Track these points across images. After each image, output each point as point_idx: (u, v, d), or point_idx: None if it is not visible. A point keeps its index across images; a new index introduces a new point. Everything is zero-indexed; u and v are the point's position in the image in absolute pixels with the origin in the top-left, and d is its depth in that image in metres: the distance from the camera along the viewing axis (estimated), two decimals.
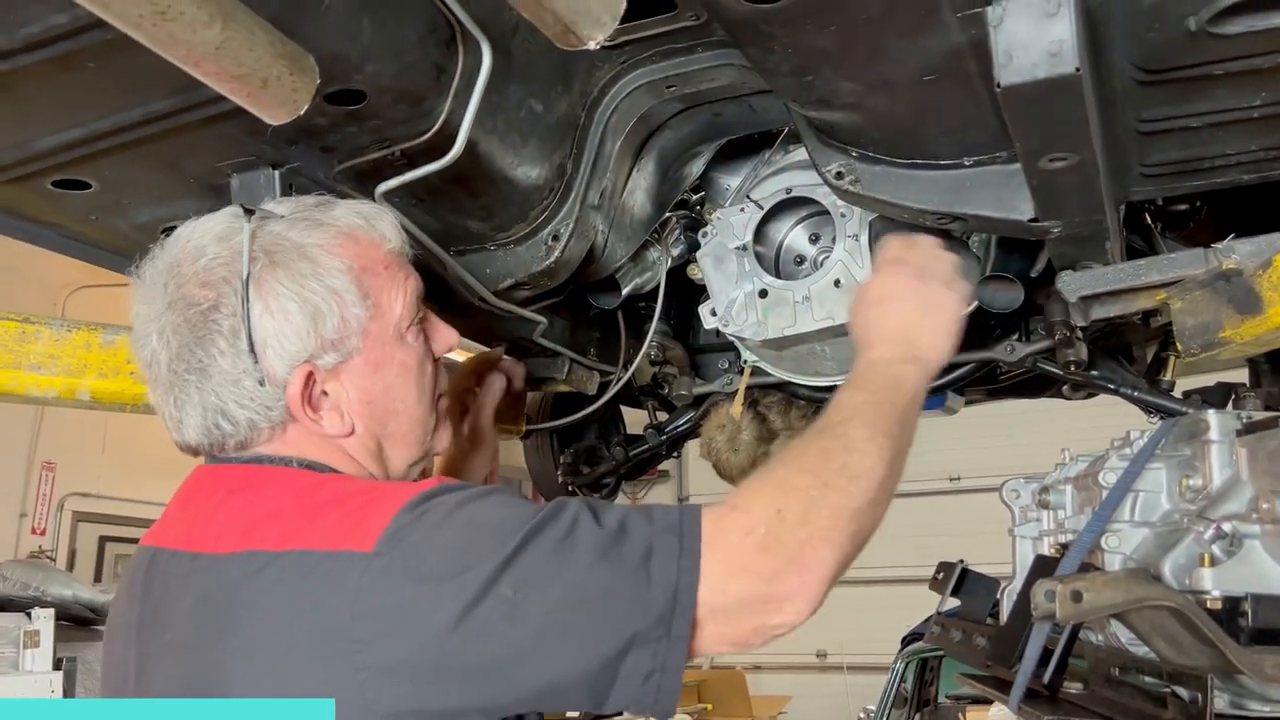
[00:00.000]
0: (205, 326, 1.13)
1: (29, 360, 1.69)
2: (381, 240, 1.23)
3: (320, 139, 1.33)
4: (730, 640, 1.05)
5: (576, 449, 2.59)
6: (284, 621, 1.02)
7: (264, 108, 1.05)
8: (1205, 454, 1.19)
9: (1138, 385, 1.99)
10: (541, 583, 0.99)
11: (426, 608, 0.99)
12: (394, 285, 1.22)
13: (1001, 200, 1.35)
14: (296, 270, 1.14)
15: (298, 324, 1.13)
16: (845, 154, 1.40)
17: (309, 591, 1.01)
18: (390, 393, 1.21)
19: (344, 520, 1.05)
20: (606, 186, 1.68)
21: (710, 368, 2.35)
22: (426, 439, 1.27)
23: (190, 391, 1.15)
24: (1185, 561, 1.14)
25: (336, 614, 0.99)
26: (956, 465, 9.49)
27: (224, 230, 1.16)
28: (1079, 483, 1.39)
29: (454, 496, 1.06)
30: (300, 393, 1.14)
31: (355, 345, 1.17)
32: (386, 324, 1.20)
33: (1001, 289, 1.74)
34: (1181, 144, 1.28)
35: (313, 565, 1.02)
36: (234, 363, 1.12)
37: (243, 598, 1.04)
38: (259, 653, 1.02)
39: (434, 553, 1.01)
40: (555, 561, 1.00)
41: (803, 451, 1.14)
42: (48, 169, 1.34)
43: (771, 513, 1.04)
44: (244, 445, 1.17)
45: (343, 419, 1.17)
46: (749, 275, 1.85)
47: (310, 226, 1.18)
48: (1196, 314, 1.40)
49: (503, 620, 0.98)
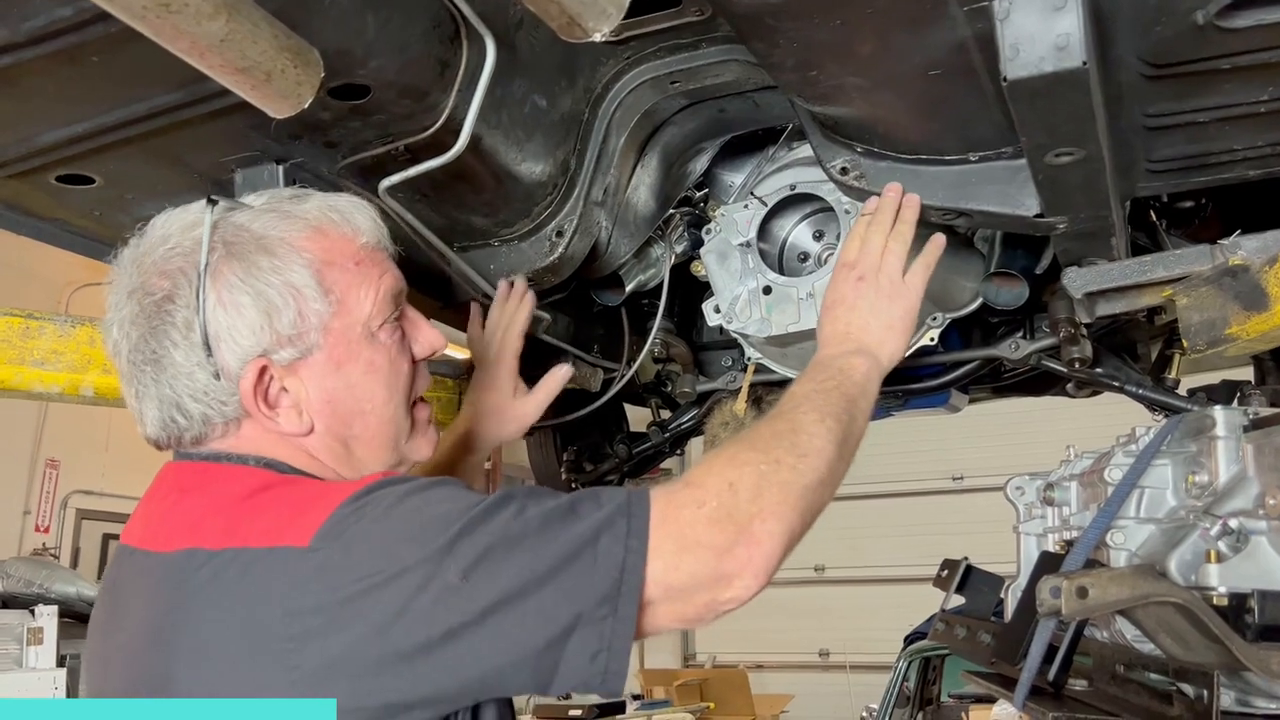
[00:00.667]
0: (160, 317, 1.11)
1: (32, 356, 1.69)
2: (354, 235, 1.19)
3: (324, 134, 1.32)
4: (684, 617, 1.04)
5: (580, 446, 2.59)
6: (219, 622, 1.00)
7: (268, 101, 1.05)
8: (1211, 450, 1.19)
9: (1142, 383, 1.98)
10: (486, 567, 0.98)
11: (365, 602, 0.96)
12: (364, 281, 1.17)
13: (1007, 196, 1.35)
14: (253, 263, 1.11)
15: (250, 318, 1.10)
16: (850, 149, 1.40)
17: (244, 590, 0.99)
18: (355, 392, 1.17)
19: (283, 516, 1.03)
20: (610, 183, 1.68)
21: (714, 365, 2.34)
22: (399, 442, 1.23)
23: (147, 383, 1.13)
24: (1191, 558, 1.13)
25: (270, 612, 0.97)
26: (959, 465, 9.47)
27: (192, 220, 1.14)
28: (1084, 479, 1.38)
29: (397, 489, 1.04)
30: (253, 388, 1.11)
31: (315, 341, 1.13)
32: (353, 321, 1.16)
33: (1006, 286, 1.74)
34: (1188, 139, 1.27)
35: (248, 563, 1.00)
36: (187, 355, 1.10)
37: (182, 598, 1.02)
38: (198, 654, 1.00)
39: (375, 546, 0.99)
40: (500, 545, 0.99)
41: (755, 433, 1.16)
42: (51, 164, 1.34)
43: (723, 486, 1.05)
44: (199, 440, 1.14)
45: (301, 417, 1.14)
46: (753, 272, 1.85)
47: (277, 219, 1.15)
48: (1202, 310, 1.40)
49: (444, 607, 0.96)
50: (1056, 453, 1.71)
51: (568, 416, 2.41)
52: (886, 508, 9.58)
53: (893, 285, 1.39)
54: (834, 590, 9.56)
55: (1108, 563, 1.24)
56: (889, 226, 1.41)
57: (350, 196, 1.22)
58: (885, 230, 1.41)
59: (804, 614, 9.35)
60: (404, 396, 1.21)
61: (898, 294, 1.39)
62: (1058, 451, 1.68)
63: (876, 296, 1.38)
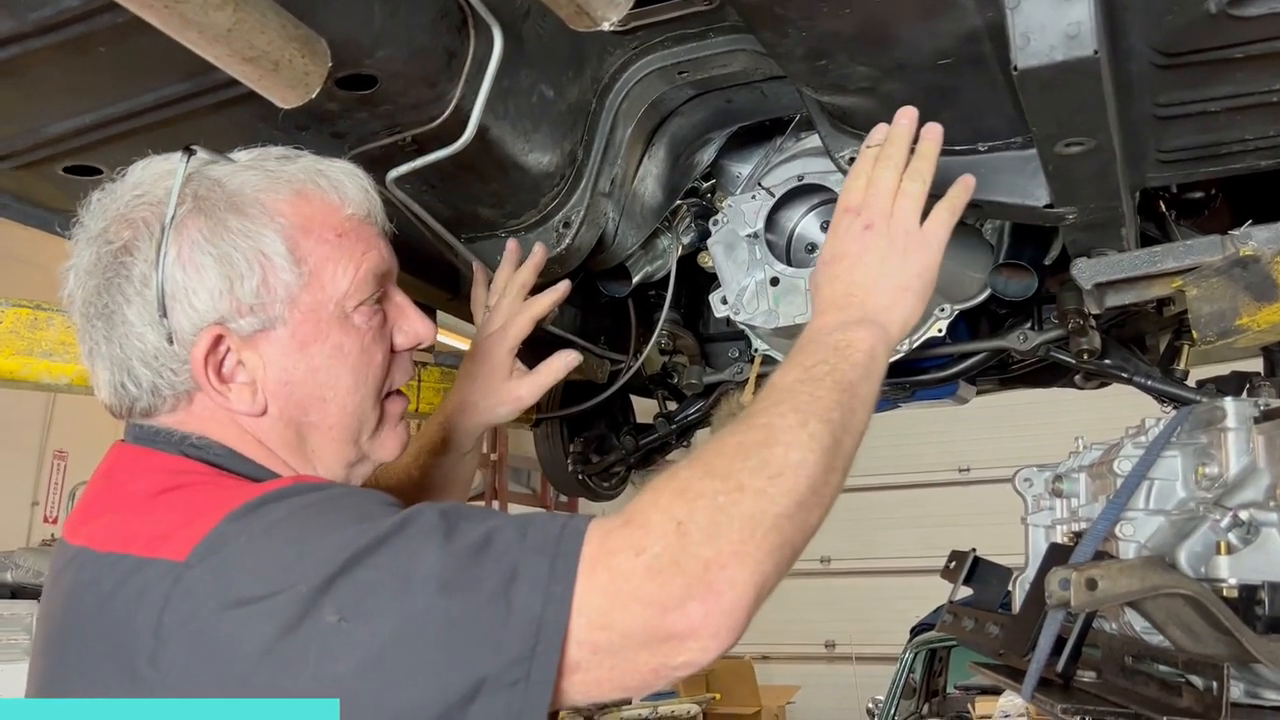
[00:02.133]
0: (116, 268, 1.01)
1: (41, 347, 1.69)
2: (340, 204, 1.07)
3: (331, 124, 1.32)
4: (623, 684, 0.87)
5: (587, 438, 2.59)
6: (94, 637, 0.90)
7: (276, 91, 1.05)
8: (1222, 442, 1.18)
9: (1151, 374, 1.98)
10: (370, 609, 0.83)
11: (232, 633, 0.84)
12: (343, 255, 1.05)
13: (1016, 186, 1.34)
14: (221, 221, 1.01)
15: (210, 281, 1.00)
16: (859, 139, 1.39)
17: (117, 604, 0.88)
18: (316, 375, 1.04)
19: (173, 522, 0.91)
20: (617, 173, 1.67)
21: (720, 356, 2.34)
22: (360, 437, 1.10)
23: (99, 340, 1.03)
24: (1201, 550, 1.13)
25: (139, 634, 0.86)
26: (966, 456, 9.47)
27: (168, 169, 1.04)
28: (1093, 471, 1.38)
29: (294, 501, 0.91)
30: (204, 357, 1.00)
31: (279, 314, 1.02)
32: (324, 298, 1.04)
33: (1015, 277, 1.73)
34: (1199, 129, 1.27)
35: (126, 573, 0.89)
36: (140, 313, 1.00)
37: (68, 602, 0.94)
38: (75, 671, 0.92)
39: (250, 568, 0.86)
40: (390, 584, 0.84)
41: (716, 449, 0.94)
42: (59, 154, 1.34)
43: (669, 526, 0.86)
44: (149, 413, 1.04)
45: (255, 396, 1.03)
46: (760, 263, 1.85)
47: (257, 176, 1.05)
48: (1213, 301, 1.39)
49: (320, 651, 0.82)
50: (1063, 444, 1.70)
51: (575, 408, 2.41)
52: (893, 499, 9.58)
53: (908, 236, 1.14)
54: (840, 582, 9.58)
55: (1116, 554, 1.23)
56: (903, 162, 1.17)
57: (343, 163, 1.11)
58: (898, 167, 1.16)
59: (810, 605, 9.35)
60: (373, 388, 1.09)
61: (914, 246, 1.14)
62: (1064, 443, 1.67)
63: (888, 249, 1.13)
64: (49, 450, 7.86)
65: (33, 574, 5.32)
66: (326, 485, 0.98)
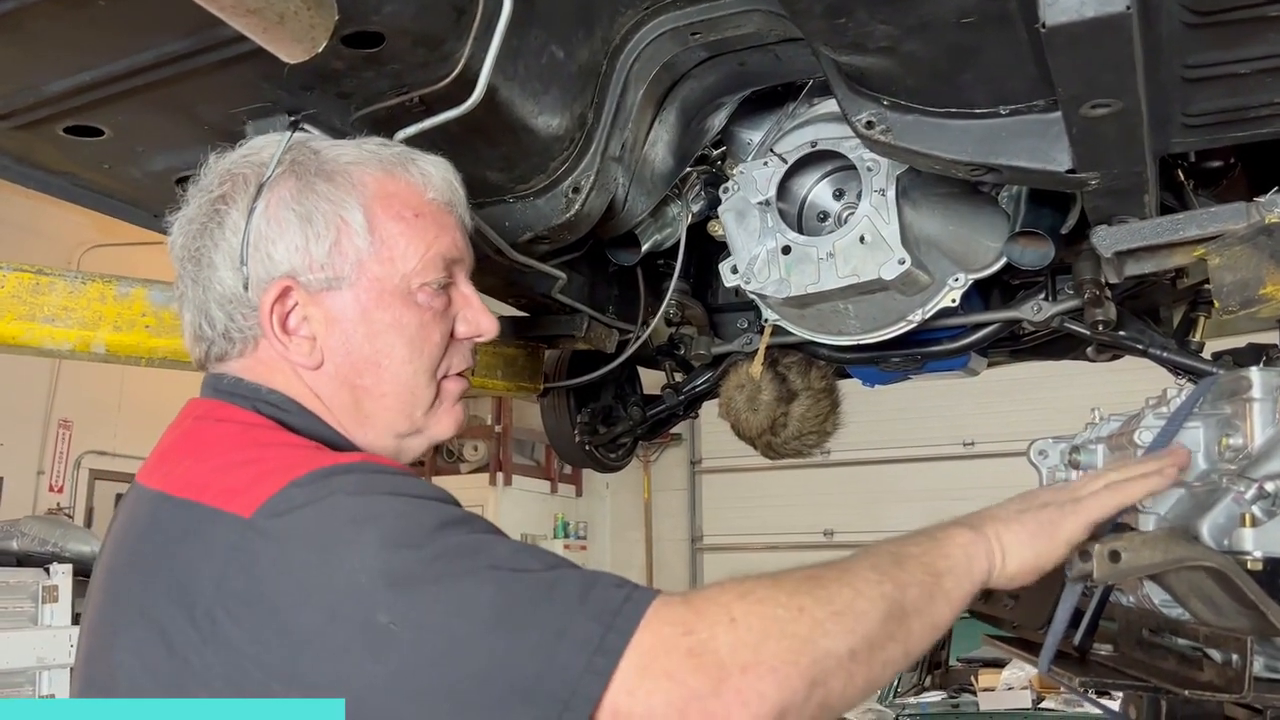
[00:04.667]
0: (211, 214, 1.09)
1: (43, 312, 1.67)
2: (423, 187, 1.14)
3: (337, 84, 1.29)
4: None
5: (594, 408, 2.57)
6: (160, 578, 0.93)
7: (281, 45, 1.02)
8: (1247, 412, 1.15)
9: (1167, 346, 1.95)
10: (421, 622, 0.84)
11: (286, 605, 0.86)
12: (416, 234, 1.11)
13: (1037, 151, 1.31)
14: (309, 184, 1.08)
15: (290, 236, 1.07)
16: (877, 103, 1.36)
17: (186, 549, 0.92)
18: (374, 341, 1.09)
19: (244, 476, 0.95)
20: (628, 138, 1.64)
21: (728, 327, 2.32)
22: (415, 412, 1.13)
23: (187, 284, 1.11)
24: (1224, 522, 1.11)
25: (202, 584, 0.89)
26: (970, 430, 9.44)
27: (278, 138, 1.13)
28: (1112, 442, 1.36)
29: (359, 479, 0.93)
30: (271, 304, 1.07)
31: (347, 275, 1.08)
32: (391, 270, 1.09)
33: (1031, 245, 1.71)
34: (1227, 92, 1.23)
35: (197, 520, 0.93)
36: (225, 258, 1.08)
37: (138, 542, 0.98)
38: (135, 610, 0.94)
39: (310, 541, 0.89)
40: (447, 603, 0.85)
41: (790, 571, 0.95)
42: (59, 114, 1.31)
43: (723, 618, 0.86)
44: (222, 358, 1.11)
45: (313, 350, 1.08)
46: (772, 231, 1.82)
47: (351, 150, 1.13)
48: (1236, 270, 1.36)
49: (364, 648, 0.84)
50: (1068, 418, 1.67)
51: (583, 378, 2.39)
52: (897, 473, 9.57)
53: (1074, 505, 1.11)
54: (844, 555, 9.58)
55: (1135, 526, 1.21)
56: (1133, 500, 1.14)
57: (436, 157, 1.17)
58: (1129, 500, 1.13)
59: None
60: (428, 364, 1.13)
61: (1067, 513, 1.10)
62: (1069, 417, 1.65)
63: (1043, 511, 1.10)
64: (54, 419, 7.88)
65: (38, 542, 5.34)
66: (395, 471, 0.98)
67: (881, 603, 0.93)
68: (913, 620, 0.95)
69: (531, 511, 10.31)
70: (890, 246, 1.69)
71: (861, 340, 1.93)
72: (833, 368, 2.28)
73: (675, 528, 10.87)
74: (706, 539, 10.72)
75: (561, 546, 10.27)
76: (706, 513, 10.73)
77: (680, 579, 10.60)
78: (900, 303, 1.82)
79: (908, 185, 1.72)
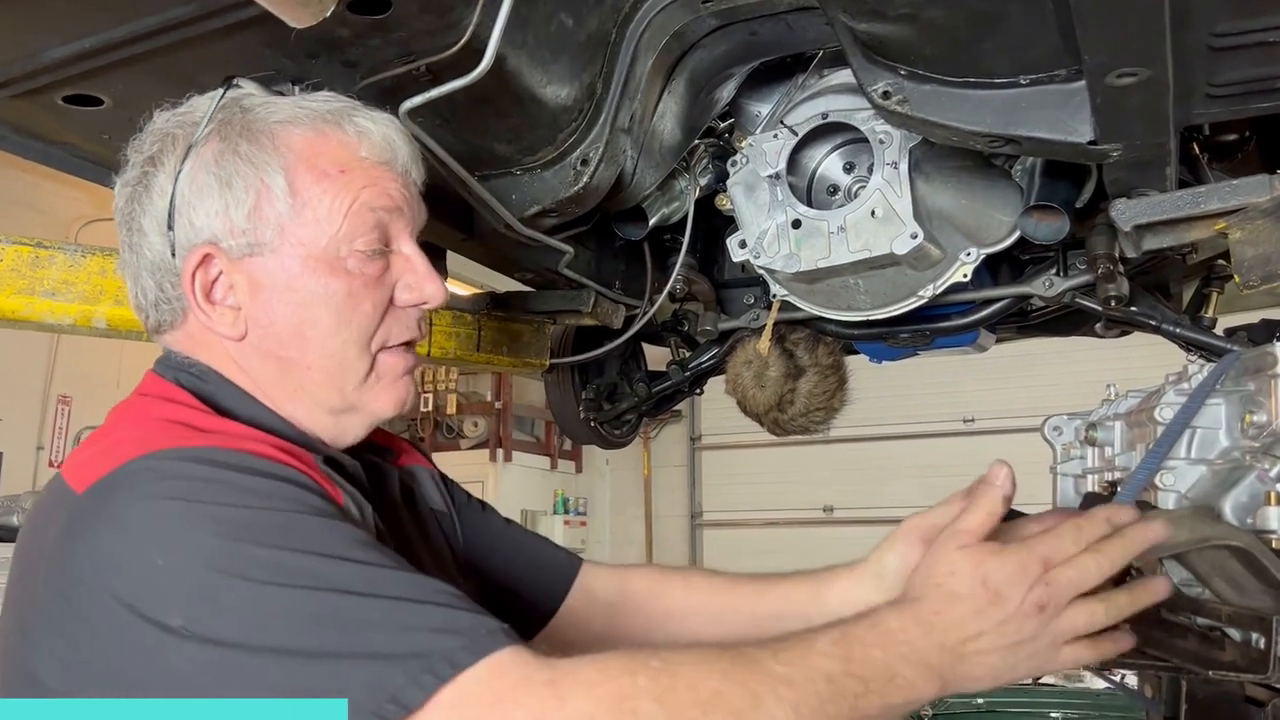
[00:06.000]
0: (141, 179, 1.06)
1: (43, 286, 1.65)
2: (356, 143, 1.06)
3: (342, 52, 1.26)
4: None
5: (599, 385, 2.55)
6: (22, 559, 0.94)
7: (288, 9, 0.99)
8: (1271, 389, 1.14)
9: (1180, 322, 1.93)
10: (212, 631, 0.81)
11: (90, 588, 0.84)
12: (340, 190, 1.04)
13: (1058, 122, 1.28)
14: (232, 146, 1.03)
15: (210, 201, 1.02)
16: (894, 72, 1.33)
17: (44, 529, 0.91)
18: (298, 311, 1.03)
19: (99, 451, 0.92)
20: (637, 109, 1.61)
21: (735, 303, 2.30)
22: (346, 386, 1.07)
23: (125, 249, 1.08)
24: (1248, 500, 1.09)
25: (42, 560, 0.89)
26: (970, 407, 9.44)
27: (215, 95, 1.08)
28: (1131, 419, 1.34)
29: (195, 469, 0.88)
30: (193, 272, 1.02)
31: (268, 242, 1.02)
32: (317, 234, 1.03)
33: (1046, 219, 1.68)
34: (1253, 61, 1.20)
35: (58, 498, 0.92)
36: (153, 223, 1.04)
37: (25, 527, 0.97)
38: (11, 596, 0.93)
39: (121, 529, 0.86)
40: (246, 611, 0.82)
41: (693, 673, 0.85)
42: (58, 82, 1.28)
43: (585, 718, 0.80)
44: (160, 329, 1.09)
45: (236, 320, 1.04)
46: (781, 205, 1.79)
47: (285, 107, 1.07)
48: (1257, 244, 1.34)
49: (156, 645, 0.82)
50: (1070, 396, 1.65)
51: (589, 354, 2.38)
52: (896, 449, 9.57)
53: (1050, 646, 0.99)
54: (843, 531, 9.59)
55: (1155, 504, 1.20)
56: (1117, 567, 1.01)
57: (384, 114, 1.11)
58: (1111, 568, 1.00)
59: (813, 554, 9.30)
60: (357, 335, 1.06)
61: (1041, 655, 0.99)
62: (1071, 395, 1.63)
63: (1025, 645, 0.98)
64: (53, 395, 7.86)
65: None
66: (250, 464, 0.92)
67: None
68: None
69: (531, 487, 10.32)
70: (902, 221, 1.66)
71: (871, 316, 1.91)
72: (840, 344, 2.26)
73: (675, 504, 10.88)
74: (706, 515, 10.73)
75: (561, 523, 10.29)
76: (706, 489, 10.74)
77: (680, 555, 10.62)
78: (911, 278, 1.80)
79: (920, 158, 1.69)
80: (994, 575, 0.97)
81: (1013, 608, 0.96)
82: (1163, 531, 1.01)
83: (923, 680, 0.93)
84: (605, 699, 0.81)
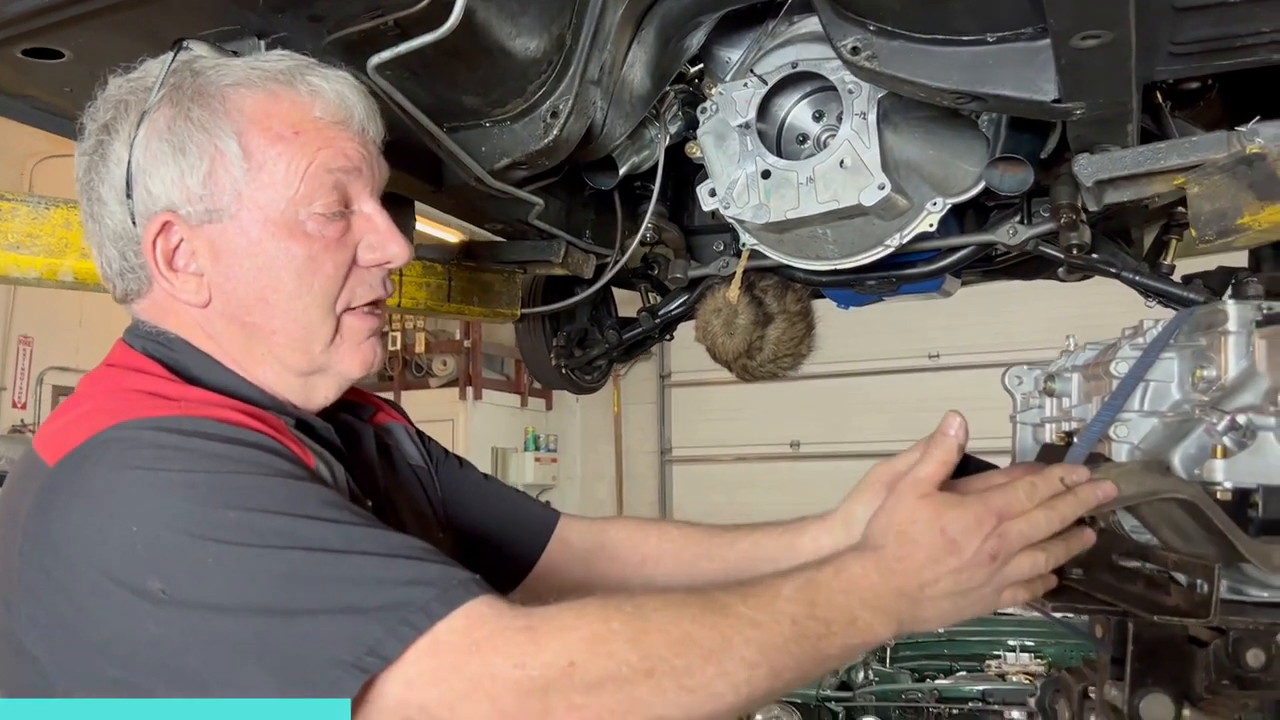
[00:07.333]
0: (97, 147, 1.06)
1: (7, 239, 1.63)
2: (310, 103, 1.05)
3: (308, 6, 1.25)
4: None
5: (569, 332, 2.57)
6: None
7: None
8: (1221, 345, 1.17)
9: (1139, 269, 1.97)
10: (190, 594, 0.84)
11: (66, 557, 0.87)
12: (295, 152, 1.03)
13: (1024, 80, 1.29)
14: (184, 111, 1.02)
15: (165, 168, 1.02)
16: (863, 28, 1.33)
17: (17, 501, 0.92)
18: (260, 275, 1.03)
19: (69, 422, 0.94)
20: (606, 60, 1.60)
21: (705, 250, 2.30)
22: (313, 348, 1.07)
23: (87, 218, 1.08)
24: (1195, 452, 1.14)
25: (16, 531, 0.91)
26: (935, 343, 9.55)
27: (167, 59, 1.07)
28: (1088, 371, 1.38)
29: (165, 438, 0.90)
30: (153, 240, 1.03)
31: (226, 207, 1.02)
32: (275, 197, 1.03)
33: (1010, 170, 1.70)
34: (1216, 21, 1.22)
35: (30, 469, 0.94)
36: (112, 191, 1.04)
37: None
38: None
39: (93, 498, 0.88)
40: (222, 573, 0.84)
41: (665, 617, 0.88)
42: (17, 36, 1.26)
43: (563, 660, 0.83)
44: (128, 298, 1.09)
45: (199, 287, 1.04)
46: (751, 155, 1.80)
47: (237, 72, 1.05)
48: (1214, 199, 1.37)
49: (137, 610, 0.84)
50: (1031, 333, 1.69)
51: (560, 304, 2.38)
52: (862, 385, 9.68)
53: (995, 592, 1.05)
54: (810, 465, 9.73)
55: (1109, 455, 1.24)
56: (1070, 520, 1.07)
57: (341, 73, 1.10)
58: (1061, 522, 1.06)
59: (780, 488, 9.53)
60: (320, 297, 1.06)
61: (987, 598, 1.05)
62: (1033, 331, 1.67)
63: (975, 590, 1.03)
64: (13, 336, 7.75)
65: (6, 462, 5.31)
66: (218, 431, 0.93)
67: (744, 689, 0.89)
68: (772, 690, 0.92)
69: (502, 425, 10.35)
70: (870, 171, 1.68)
71: (839, 265, 1.93)
72: (808, 291, 2.28)
73: (645, 440, 10.97)
74: (676, 451, 10.84)
75: (533, 460, 10.36)
76: (676, 425, 10.84)
77: (650, 490, 10.76)
78: (878, 227, 1.82)
79: (889, 109, 1.70)
80: (952, 525, 1.02)
81: (968, 556, 1.02)
82: (1112, 490, 1.06)
83: (881, 623, 0.98)
84: (581, 642, 0.85)
